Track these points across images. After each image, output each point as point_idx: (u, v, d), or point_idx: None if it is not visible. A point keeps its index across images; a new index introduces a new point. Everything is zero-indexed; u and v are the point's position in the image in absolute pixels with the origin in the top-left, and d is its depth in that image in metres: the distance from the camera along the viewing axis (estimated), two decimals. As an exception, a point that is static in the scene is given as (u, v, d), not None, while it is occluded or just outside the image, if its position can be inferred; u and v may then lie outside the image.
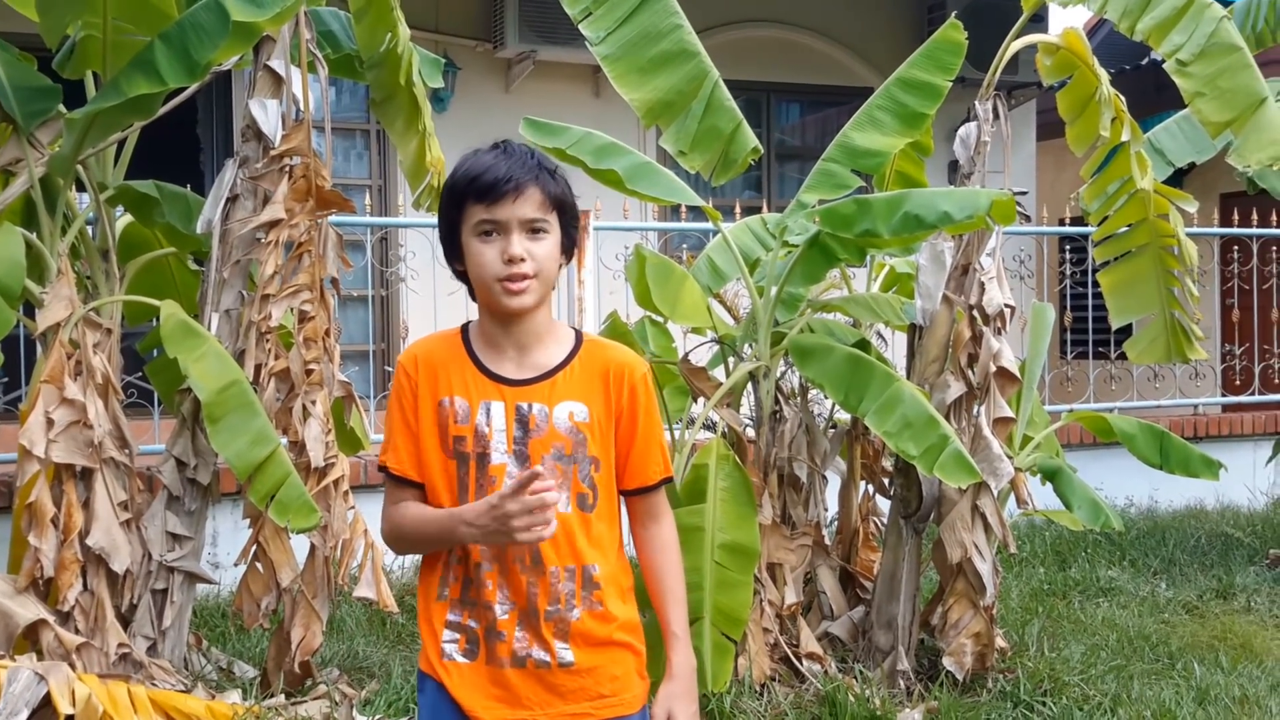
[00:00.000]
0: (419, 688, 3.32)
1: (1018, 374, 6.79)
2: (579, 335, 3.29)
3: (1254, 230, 12.53)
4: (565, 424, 3.16)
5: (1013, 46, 6.90)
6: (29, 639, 5.77)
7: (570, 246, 3.21)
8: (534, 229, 3.08)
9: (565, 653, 3.15)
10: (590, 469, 3.19)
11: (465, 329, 3.28)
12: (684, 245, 11.79)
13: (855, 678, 6.56)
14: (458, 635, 3.18)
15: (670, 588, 3.38)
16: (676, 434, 6.80)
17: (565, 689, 3.16)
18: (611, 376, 3.22)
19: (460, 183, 3.11)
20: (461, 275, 3.22)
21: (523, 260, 3.05)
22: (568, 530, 3.15)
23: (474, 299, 3.24)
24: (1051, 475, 7.54)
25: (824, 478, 7.22)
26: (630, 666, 3.26)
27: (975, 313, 6.76)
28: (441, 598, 3.19)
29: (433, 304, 8.84)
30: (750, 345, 7.02)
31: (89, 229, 6.64)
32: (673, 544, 3.43)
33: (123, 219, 6.97)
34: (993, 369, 6.71)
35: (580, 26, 6.55)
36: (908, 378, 6.81)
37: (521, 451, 3.13)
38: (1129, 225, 7.65)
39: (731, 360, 7.09)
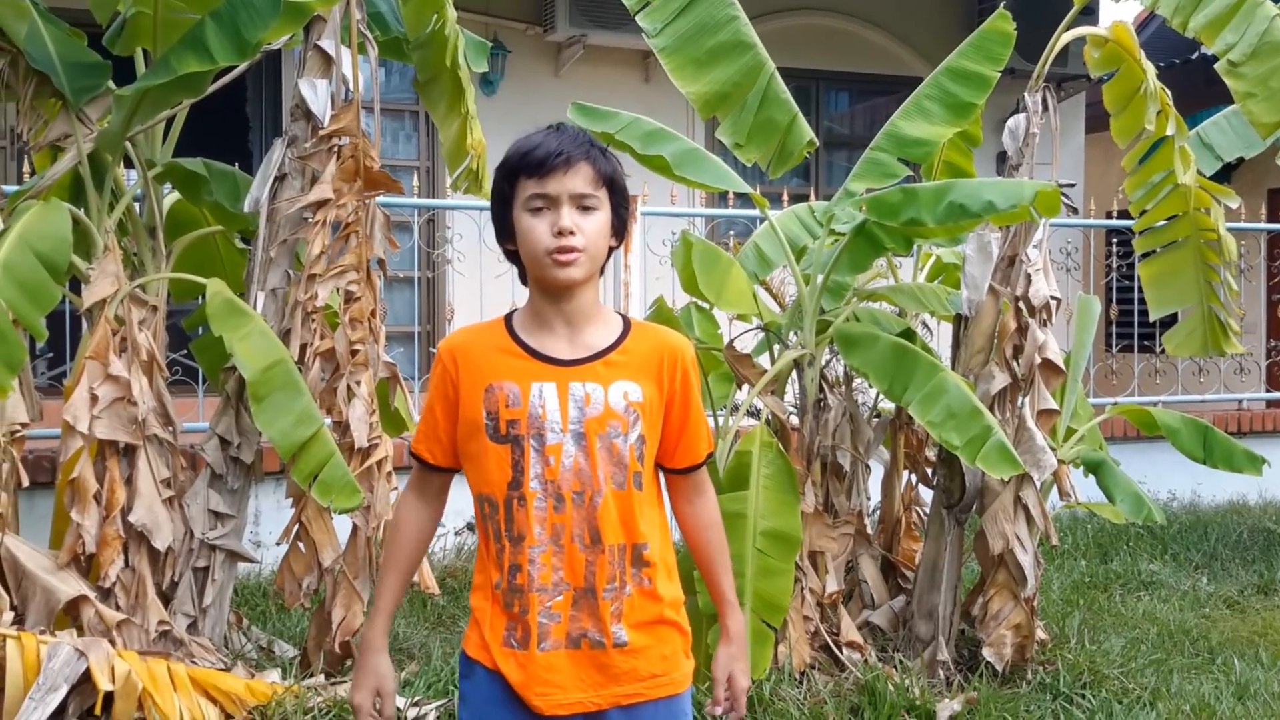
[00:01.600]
0: (463, 673, 3.31)
1: (1062, 366, 6.76)
2: (626, 319, 3.31)
3: (1303, 226, 12.44)
4: (620, 403, 3.17)
5: (1063, 38, 6.87)
6: (70, 615, 5.79)
7: (621, 228, 3.24)
8: (584, 205, 3.12)
9: (620, 633, 3.16)
10: (644, 448, 3.21)
11: (508, 317, 3.30)
12: (731, 232, 11.82)
13: (895, 667, 6.56)
14: (513, 624, 3.17)
15: (718, 558, 3.48)
16: (720, 420, 6.80)
17: (618, 670, 3.17)
18: (665, 360, 3.25)
19: (513, 158, 3.15)
20: (511, 255, 3.26)
21: (572, 233, 3.08)
22: (625, 508, 3.17)
23: (523, 282, 3.27)
24: (1094, 468, 7.53)
25: (867, 467, 7.21)
26: (678, 646, 3.29)
27: (1021, 304, 6.73)
28: (498, 587, 3.19)
29: (479, 286, 8.86)
30: (795, 333, 7.01)
31: (136, 206, 6.66)
32: (718, 517, 3.51)
33: (170, 196, 6.99)
34: (1037, 361, 6.68)
35: (638, 18, 6.55)
36: (952, 368, 6.79)
37: (578, 431, 3.14)
38: (1169, 218, 7.62)
39: (776, 348, 7.09)
